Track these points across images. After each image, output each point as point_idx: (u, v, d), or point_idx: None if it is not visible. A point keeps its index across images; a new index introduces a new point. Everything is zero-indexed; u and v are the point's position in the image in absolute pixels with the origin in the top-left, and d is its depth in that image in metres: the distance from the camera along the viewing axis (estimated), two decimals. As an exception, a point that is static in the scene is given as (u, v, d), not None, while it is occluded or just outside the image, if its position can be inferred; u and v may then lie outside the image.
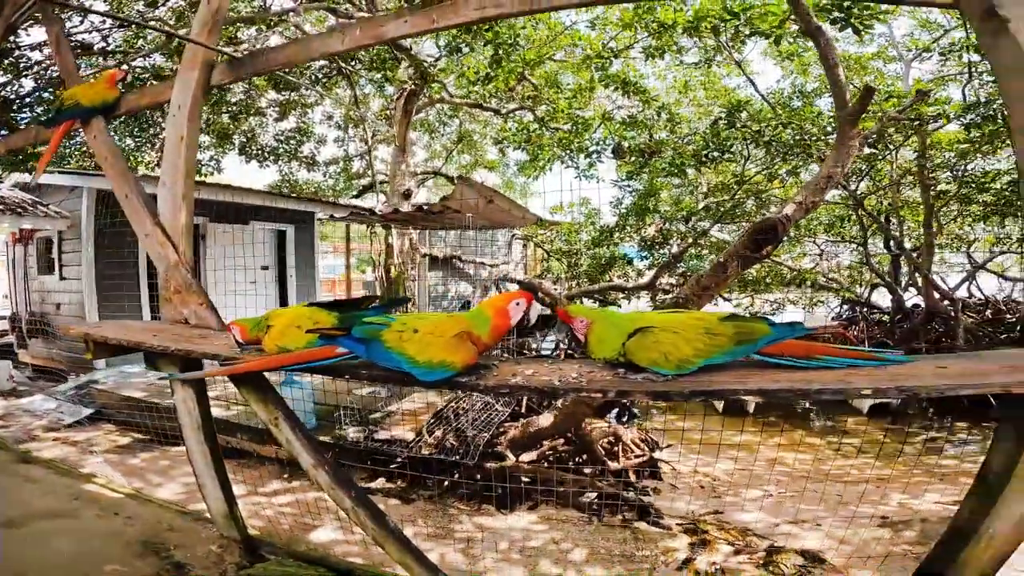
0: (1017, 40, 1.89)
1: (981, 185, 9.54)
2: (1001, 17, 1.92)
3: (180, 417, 2.81)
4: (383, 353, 1.64)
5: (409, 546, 2.46)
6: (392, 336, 1.64)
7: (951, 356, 2.10)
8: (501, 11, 2.28)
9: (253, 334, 2.00)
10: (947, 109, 6.99)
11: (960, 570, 2.05)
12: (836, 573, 3.06)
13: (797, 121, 6.80)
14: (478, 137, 11.92)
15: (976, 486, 2.00)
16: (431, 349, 1.60)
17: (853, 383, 1.61)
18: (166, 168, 2.82)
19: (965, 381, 1.57)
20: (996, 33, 1.95)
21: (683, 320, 1.66)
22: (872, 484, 4.71)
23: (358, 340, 1.68)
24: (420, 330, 1.64)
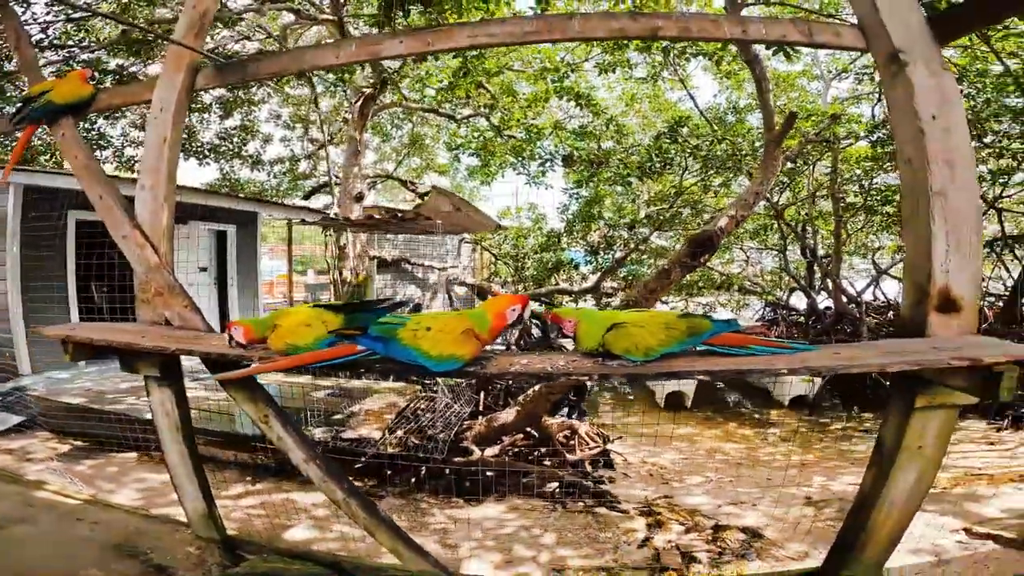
0: (911, 81, 2.35)
1: (884, 198, 10.75)
2: (901, 61, 2.38)
3: (157, 419, 2.80)
4: (400, 349, 1.83)
5: (399, 533, 2.61)
6: (407, 334, 1.83)
7: (845, 345, 2.57)
8: (492, 40, 2.49)
9: (258, 334, 2.09)
10: (857, 128, 7.88)
11: (870, 535, 2.48)
12: (773, 546, 3.48)
13: (731, 137, 7.44)
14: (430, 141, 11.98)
15: (873, 459, 2.43)
16: (442, 344, 1.82)
17: (775, 365, 2.01)
18: (146, 170, 2.80)
19: (853, 362, 2.01)
20: (895, 75, 2.41)
21: (648, 317, 2.00)
22: (796, 468, 5.29)
23: (376, 338, 1.85)
24: (432, 328, 1.84)
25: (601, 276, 11.36)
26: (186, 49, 2.74)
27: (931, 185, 2.28)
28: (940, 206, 2.27)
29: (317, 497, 4.02)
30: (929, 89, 2.33)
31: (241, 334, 2.08)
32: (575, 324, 1.98)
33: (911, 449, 2.29)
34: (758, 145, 7.53)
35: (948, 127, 2.33)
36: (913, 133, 2.35)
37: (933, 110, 2.33)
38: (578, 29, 2.46)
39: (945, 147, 2.31)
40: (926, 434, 2.27)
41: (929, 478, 2.41)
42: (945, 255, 2.26)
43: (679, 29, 2.55)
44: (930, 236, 2.26)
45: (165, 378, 2.70)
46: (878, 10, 2.41)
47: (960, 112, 2.44)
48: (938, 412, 2.25)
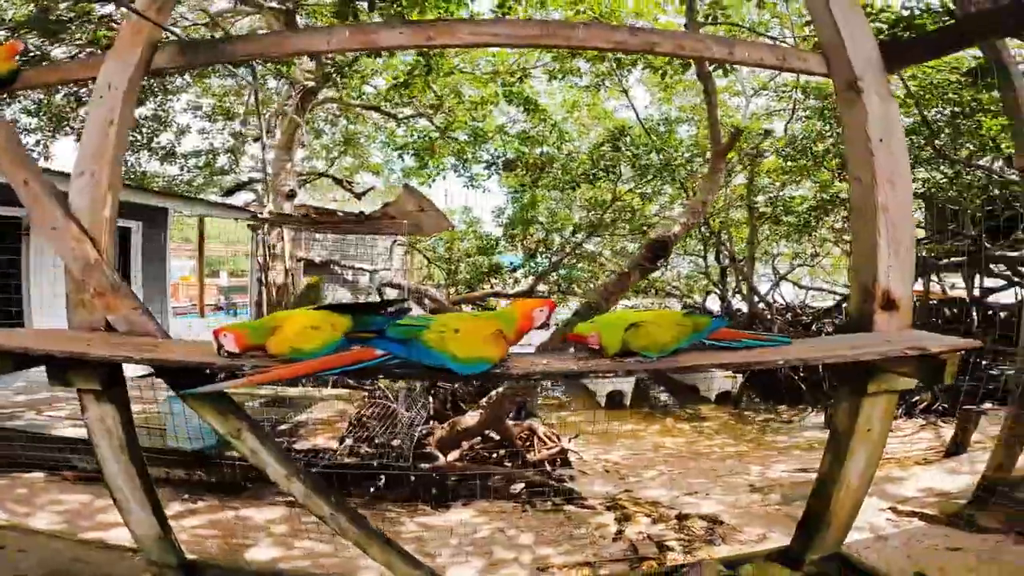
0: (865, 107, 2.62)
1: (787, 208, 11.88)
2: (858, 88, 2.64)
3: (96, 438, 2.47)
4: (425, 352, 1.73)
5: (393, 545, 2.49)
6: (434, 336, 1.75)
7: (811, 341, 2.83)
8: (494, 40, 2.47)
9: (253, 340, 1.89)
10: (775, 143, 8.63)
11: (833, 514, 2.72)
12: (734, 531, 3.70)
13: (665, 147, 7.87)
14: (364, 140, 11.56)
15: (829, 444, 2.69)
16: (472, 347, 1.75)
17: (770, 358, 2.16)
18: (87, 154, 2.46)
19: (830, 353, 2.20)
20: (852, 101, 2.67)
21: (659, 316, 2.08)
22: (734, 459, 5.67)
23: (396, 341, 1.75)
24: (460, 330, 1.77)
25: (536, 280, 11.55)
26: (145, 22, 2.45)
27: (877, 201, 2.56)
28: (884, 219, 2.55)
29: (271, 513, 3.75)
30: (879, 115, 2.61)
31: (232, 341, 1.87)
32: (598, 336, 1.97)
33: (862, 431, 2.55)
34: (688, 156, 8.07)
35: (892, 150, 2.62)
36: (864, 154, 2.61)
37: (881, 134, 2.61)
38: (581, 38, 2.49)
39: (889, 168, 2.59)
40: (874, 417, 2.54)
41: (877, 458, 2.70)
42: (887, 261, 2.55)
43: (673, 46, 2.66)
44: (875, 245, 2.53)
45: (106, 392, 2.39)
46: (842, 40, 2.65)
47: (901, 136, 2.75)
48: (884, 397, 2.53)
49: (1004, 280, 11.06)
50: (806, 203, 11.74)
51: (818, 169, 9.46)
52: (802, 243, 14.68)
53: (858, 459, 2.59)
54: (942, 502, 4.03)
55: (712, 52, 2.75)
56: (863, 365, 2.39)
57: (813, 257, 15.17)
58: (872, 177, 2.57)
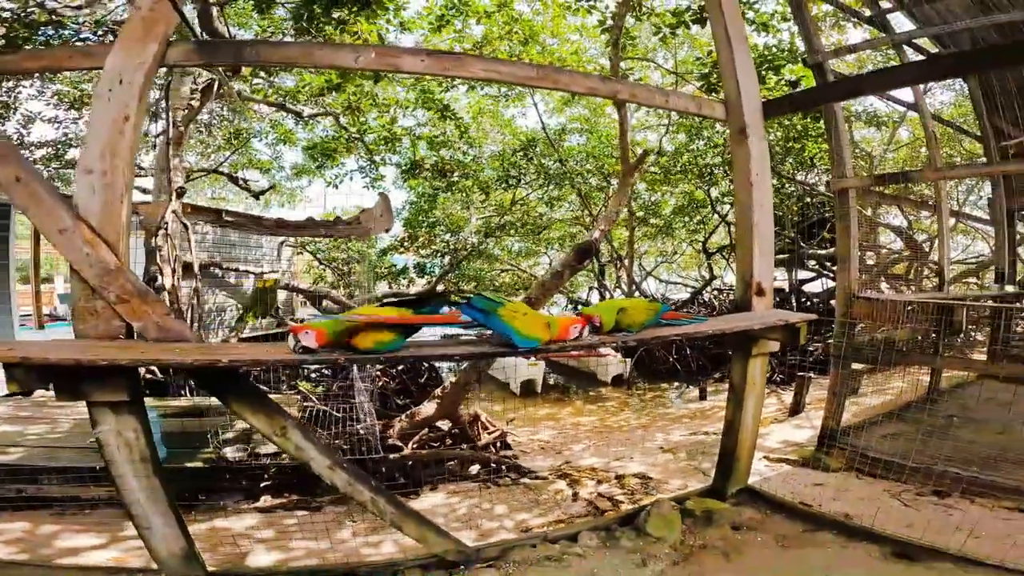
0: (750, 148, 3.52)
1: (653, 212, 13.59)
2: (746, 133, 3.53)
3: (111, 452, 2.43)
4: (499, 323, 2.22)
5: (426, 521, 2.80)
6: (507, 313, 2.25)
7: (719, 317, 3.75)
8: (498, 77, 2.88)
9: (332, 337, 2.11)
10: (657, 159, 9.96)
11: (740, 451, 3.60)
12: (662, 483, 4.49)
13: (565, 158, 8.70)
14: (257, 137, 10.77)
15: (730, 396, 3.62)
16: (531, 327, 2.28)
17: (703, 330, 3.00)
18: (96, 152, 2.38)
19: (733, 325, 3.09)
20: (741, 143, 3.58)
21: (635, 302, 2.85)
22: (641, 429, 6.61)
23: (479, 310, 2.22)
24: (527, 314, 2.27)
25: (437, 280, 11.84)
26: (159, 16, 2.42)
27: (752, 219, 3.50)
28: (756, 232, 3.51)
29: (248, 520, 3.73)
30: (758, 155, 3.56)
31: (312, 338, 2.07)
32: (599, 317, 2.60)
33: (751, 384, 3.52)
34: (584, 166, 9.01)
35: (763, 182, 3.60)
36: (745, 184, 3.56)
37: (758, 170, 3.57)
38: (566, 82, 3.05)
39: (760, 194, 3.56)
40: (756, 373, 3.54)
41: (760, 405, 3.70)
42: (758, 261, 3.49)
43: (629, 95, 3.36)
44: (751, 250, 3.49)
45: (126, 404, 2.36)
46: (740, 97, 3.52)
47: (768, 170, 3.73)
48: (761, 358, 3.54)
49: (815, 273, 13.89)
50: (669, 208, 13.57)
51: (684, 178, 11.10)
52: (665, 243, 16.87)
53: (749, 405, 3.55)
54: (797, 450, 5.18)
55: (655, 100, 3.48)
56: (748, 334, 3.30)
57: (673, 255, 17.52)
58: (750, 201, 3.51)
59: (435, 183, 9.71)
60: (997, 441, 4.55)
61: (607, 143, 10.38)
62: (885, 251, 11.20)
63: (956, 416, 5.43)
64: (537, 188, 10.65)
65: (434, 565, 2.78)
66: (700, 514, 3.36)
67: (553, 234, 15.14)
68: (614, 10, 5.51)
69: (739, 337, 3.42)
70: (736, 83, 3.54)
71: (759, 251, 3.52)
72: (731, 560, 2.88)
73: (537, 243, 14.12)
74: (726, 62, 3.56)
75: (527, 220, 11.95)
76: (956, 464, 3.97)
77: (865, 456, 4.32)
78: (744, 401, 3.54)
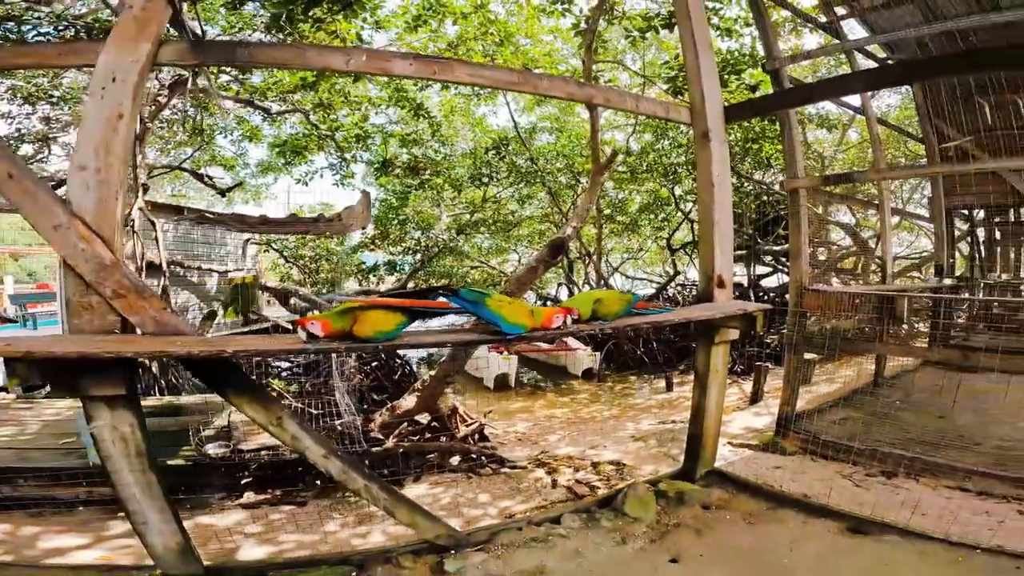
0: (712, 151, 3.76)
1: (620, 210, 13.94)
2: (709, 137, 3.77)
3: (106, 447, 2.45)
4: (487, 311, 2.41)
5: (417, 508, 2.91)
6: (494, 303, 2.44)
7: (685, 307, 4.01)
8: (483, 82, 3.01)
9: (337, 327, 2.21)
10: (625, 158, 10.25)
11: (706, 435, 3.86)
12: (635, 469, 4.71)
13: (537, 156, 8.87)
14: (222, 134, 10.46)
15: (695, 383, 3.88)
16: (516, 315, 2.48)
17: (671, 318, 3.30)
18: (89, 149, 2.38)
19: (698, 315, 3.37)
20: (704, 146, 3.82)
21: (609, 294, 3.07)
22: (612, 420, 6.86)
23: (467, 300, 2.42)
24: (511, 304, 2.47)
25: (408, 277, 11.84)
26: (152, 15, 2.44)
27: (713, 217, 3.75)
28: (717, 231, 3.77)
29: (234, 516, 3.75)
30: (719, 157, 3.81)
31: (319, 328, 2.17)
32: (578, 309, 2.78)
33: (713, 371, 3.78)
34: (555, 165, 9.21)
35: (724, 182, 3.86)
36: (707, 184, 3.82)
37: (719, 171, 3.82)
38: (545, 87, 3.20)
39: (721, 194, 3.82)
40: (719, 360, 3.81)
41: (723, 391, 3.98)
42: (719, 257, 3.75)
43: (604, 99, 3.54)
44: (712, 246, 3.75)
45: (122, 399, 2.39)
46: (704, 103, 3.76)
47: (728, 172, 3.99)
48: (723, 345, 3.82)
49: (771, 268, 14.54)
50: (635, 205, 13.94)
51: (650, 176, 11.45)
52: (631, 240, 17.30)
53: (713, 392, 3.82)
54: (757, 435, 5.50)
55: (626, 104, 3.68)
56: (711, 322, 3.56)
57: (638, 251, 17.98)
58: (711, 200, 3.77)
59: (407, 181, 9.72)
60: (937, 425, 4.96)
61: (576, 142, 10.62)
62: (835, 247, 11.86)
63: (899, 401, 5.89)
64: (508, 186, 10.82)
65: (426, 550, 2.90)
66: (673, 495, 3.58)
67: (522, 231, 15.35)
68: (588, 13, 5.71)
69: (703, 326, 3.69)
70: (701, 90, 3.77)
71: (720, 247, 3.78)
72: (703, 536, 3.10)
73: (507, 240, 14.29)
74: (692, 70, 3.78)
75: (498, 218, 12.09)
76: (901, 446, 4.33)
77: (818, 440, 4.65)
78: (708, 388, 3.80)
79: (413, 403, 5.22)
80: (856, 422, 5.13)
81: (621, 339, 10.78)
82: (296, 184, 9.75)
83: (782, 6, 6.31)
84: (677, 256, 14.16)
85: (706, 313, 3.43)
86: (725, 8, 6.21)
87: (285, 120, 9.38)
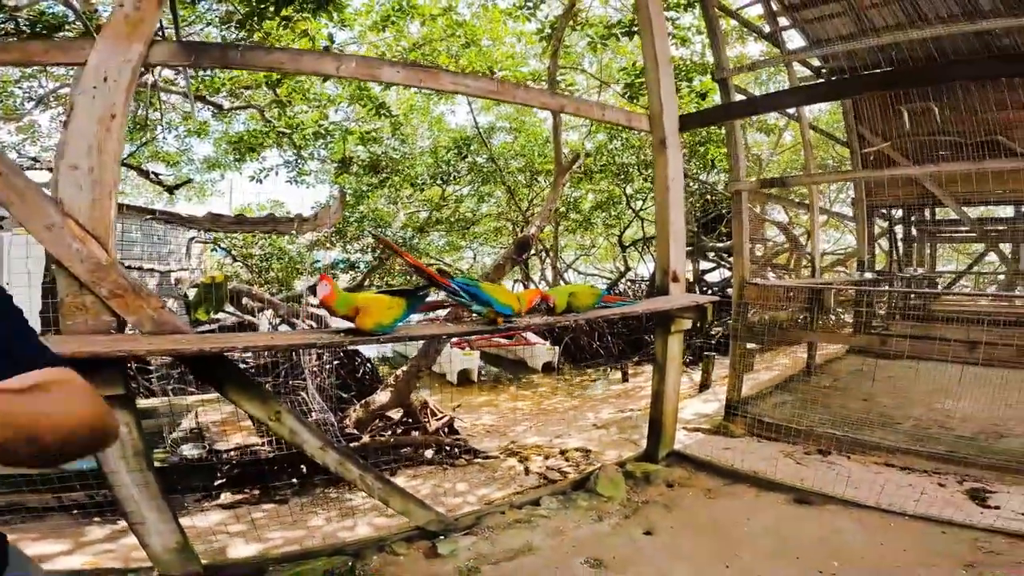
0: (667, 157, 4.09)
1: (575, 207, 14.35)
2: (665, 144, 4.09)
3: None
4: (483, 294, 2.66)
5: (410, 497, 3.05)
6: (487, 287, 2.70)
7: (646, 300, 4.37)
8: (466, 91, 3.17)
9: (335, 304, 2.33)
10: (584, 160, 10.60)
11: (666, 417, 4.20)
12: (600, 455, 5.01)
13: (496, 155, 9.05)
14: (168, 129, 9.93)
15: (654, 369, 4.22)
16: (507, 299, 2.75)
17: (636, 310, 3.63)
18: (83, 149, 2.36)
19: (658, 306, 3.72)
20: (661, 152, 4.14)
21: (583, 287, 3.39)
22: (574, 410, 7.17)
23: (463, 285, 2.67)
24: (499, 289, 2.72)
25: (365, 276, 11.75)
26: (143, 14, 2.43)
27: (668, 216, 4.10)
28: (672, 229, 4.11)
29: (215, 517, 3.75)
30: (674, 162, 4.14)
31: (327, 291, 2.27)
32: (554, 299, 3.08)
33: (671, 358, 4.14)
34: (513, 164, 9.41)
35: (678, 185, 4.21)
36: (663, 188, 4.16)
37: (673, 175, 4.17)
38: (522, 96, 3.41)
39: (675, 196, 4.17)
40: (675, 348, 4.17)
41: (679, 375, 4.36)
42: (674, 253, 4.10)
43: (574, 109, 3.80)
44: (668, 244, 4.09)
45: (119, 399, 2.41)
46: (663, 111, 4.07)
47: (682, 175, 4.34)
48: (678, 334, 4.17)
49: (714, 264, 15.39)
50: (588, 204, 14.39)
51: (604, 176, 11.89)
52: (584, 237, 17.82)
53: (671, 376, 4.17)
54: (708, 420, 5.93)
55: (593, 113, 3.95)
56: (668, 313, 3.91)
57: (591, 248, 18.54)
58: (667, 201, 4.10)
59: (368, 180, 9.65)
60: (862, 406, 5.54)
61: (534, 141, 10.87)
62: (771, 243, 12.72)
63: (827, 386, 6.50)
64: (467, 184, 10.95)
65: (417, 537, 3.05)
66: (640, 475, 3.89)
67: (478, 229, 15.51)
68: (552, 20, 5.95)
69: (660, 316, 4.04)
70: (660, 100, 4.08)
71: (674, 244, 4.13)
72: (671, 510, 3.41)
73: (462, 238, 14.40)
74: (653, 82, 4.09)
75: (456, 216, 12.18)
76: (832, 426, 4.84)
77: (762, 422, 5.10)
78: (666, 373, 4.16)
79: (387, 398, 5.31)
80: (793, 405, 5.66)
81: (578, 333, 11.16)
82: (251, 181, 9.46)
83: (732, 17, 6.80)
84: (628, 253, 14.70)
85: (664, 305, 3.77)
86: (681, 16, 6.61)
87: (236, 116, 9.11)
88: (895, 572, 2.64)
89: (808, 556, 2.80)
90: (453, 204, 11.46)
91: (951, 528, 3.07)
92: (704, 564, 2.77)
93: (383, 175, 9.01)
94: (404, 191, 11.02)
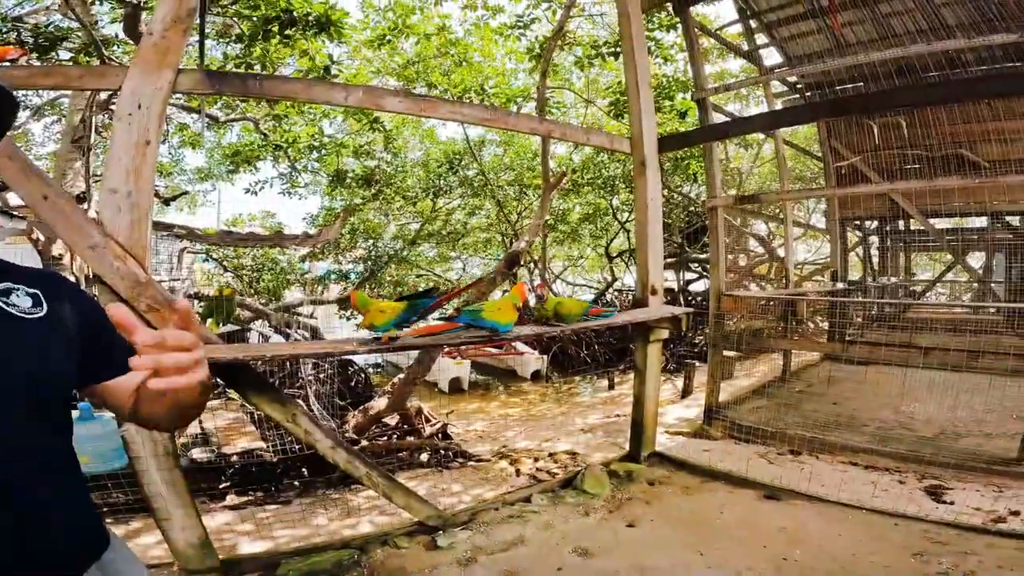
0: (647, 178, 4.41)
1: (562, 219, 14.68)
2: (645, 165, 4.41)
3: (136, 448, 2.67)
4: (487, 322, 2.91)
5: (411, 493, 3.29)
6: (487, 312, 2.95)
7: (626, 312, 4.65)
8: (462, 118, 3.45)
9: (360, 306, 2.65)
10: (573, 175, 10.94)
11: (646, 420, 4.49)
12: (587, 457, 5.27)
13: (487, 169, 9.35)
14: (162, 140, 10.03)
15: (635, 375, 4.52)
16: (506, 316, 2.98)
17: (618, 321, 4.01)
18: (119, 174, 2.57)
19: (637, 318, 4.06)
20: (641, 172, 4.46)
21: (571, 301, 3.76)
22: (562, 416, 7.43)
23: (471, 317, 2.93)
24: (500, 308, 2.93)
25: (357, 286, 11.94)
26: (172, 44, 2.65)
27: (648, 233, 4.41)
28: (651, 246, 4.43)
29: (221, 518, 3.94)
30: (653, 183, 4.46)
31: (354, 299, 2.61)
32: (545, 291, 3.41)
33: (650, 366, 4.45)
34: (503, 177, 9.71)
35: (656, 204, 4.52)
36: (643, 207, 4.48)
37: (652, 195, 4.49)
38: (513, 123, 3.72)
39: (653, 214, 4.49)
40: (653, 356, 4.48)
41: (658, 381, 4.66)
42: (652, 268, 4.41)
43: (561, 134, 4.10)
44: (647, 259, 4.41)
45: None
46: (643, 135, 4.40)
47: (660, 195, 4.66)
48: (657, 344, 4.47)
49: (698, 274, 15.80)
50: (576, 215, 14.75)
51: (590, 188, 12.25)
52: (572, 248, 18.17)
53: (650, 381, 4.47)
54: (689, 424, 6.22)
55: (579, 137, 4.27)
56: (647, 324, 4.21)
57: (579, 259, 18.90)
58: (646, 219, 4.42)
59: (362, 193, 9.88)
60: (833, 410, 5.87)
61: (523, 155, 11.21)
62: (752, 254, 13.16)
63: (801, 391, 6.85)
64: (458, 197, 11.23)
65: (417, 531, 3.29)
66: (623, 474, 4.17)
67: (468, 240, 15.76)
68: (542, 40, 6.29)
69: (640, 327, 4.34)
70: (641, 125, 4.41)
71: (653, 259, 4.45)
72: (652, 506, 3.69)
73: (452, 249, 14.65)
74: (634, 108, 4.42)
75: (447, 228, 12.44)
76: (803, 429, 5.15)
77: (739, 426, 5.40)
78: (646, 379, 4.47)
79: (385, 404, 5.53)
80: (768, 410, 5.97)
81: (566, 343, 11.45)
82: (246, 194, 9.63)
83: (711, 36, 7.19)
84: (615, 263, 15.05)
85: (642, 316, 4.09)
86: (664, 35, 6.97)
87: (230, 128, 9.29)
88: (848, 559, 2.94)
89: (773, 545, 3.09)
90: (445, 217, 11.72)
91: (904, 520, 3.38)
92: (680, 552, 3.05)
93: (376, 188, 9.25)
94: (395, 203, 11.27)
